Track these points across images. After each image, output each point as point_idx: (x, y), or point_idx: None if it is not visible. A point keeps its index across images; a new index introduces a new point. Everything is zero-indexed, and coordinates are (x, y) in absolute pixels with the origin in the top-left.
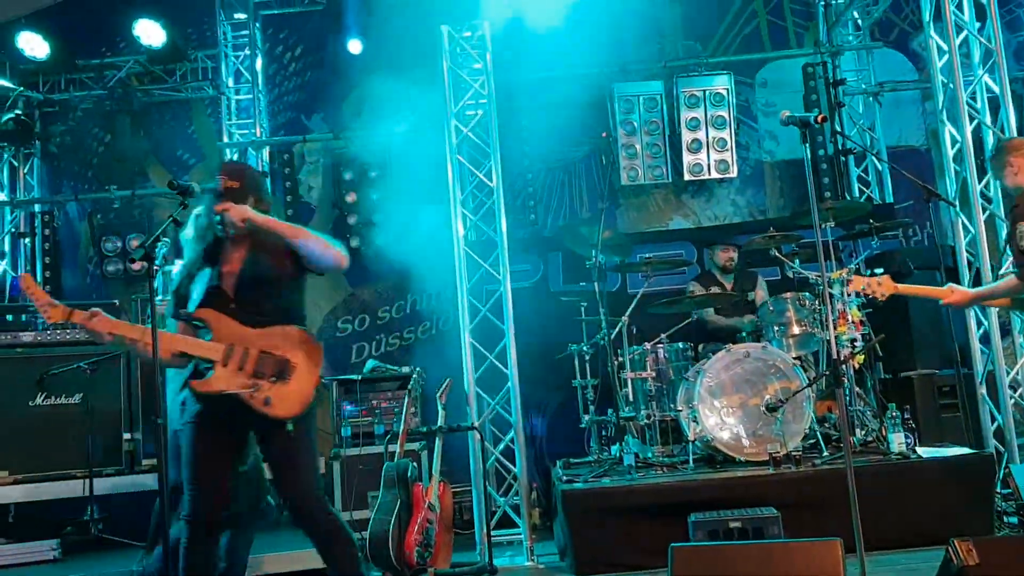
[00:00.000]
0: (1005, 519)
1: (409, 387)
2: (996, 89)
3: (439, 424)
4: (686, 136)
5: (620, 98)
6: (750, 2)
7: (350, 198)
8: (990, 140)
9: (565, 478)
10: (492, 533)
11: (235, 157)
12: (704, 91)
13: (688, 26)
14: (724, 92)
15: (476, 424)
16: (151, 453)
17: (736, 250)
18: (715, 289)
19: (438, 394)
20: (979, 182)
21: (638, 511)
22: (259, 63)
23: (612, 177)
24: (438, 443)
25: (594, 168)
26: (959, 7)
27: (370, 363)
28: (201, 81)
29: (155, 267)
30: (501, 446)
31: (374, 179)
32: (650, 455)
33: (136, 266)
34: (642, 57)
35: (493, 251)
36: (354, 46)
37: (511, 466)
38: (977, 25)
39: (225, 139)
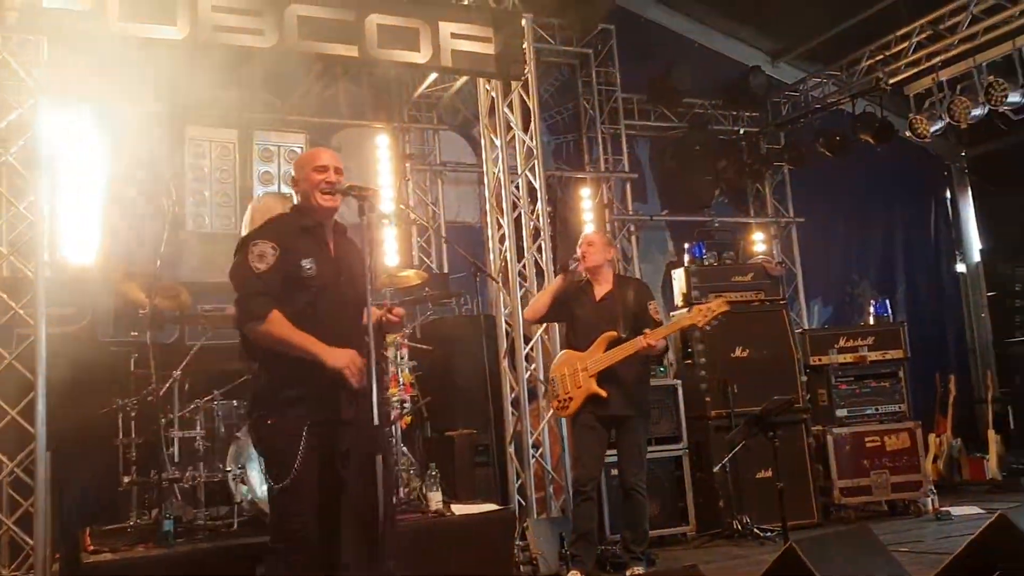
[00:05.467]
0: (521, 568)
1: None
2: (536, 183)
3: None
4: (258, 189)
5: (192, 141)
6: (331, 67)
7: None
8: (529, 226)
9: (92, 547)
10: None
11: None
12: (279, 147)
13: (268, 79)
14: (299, 150)
15: None
16: None
17: None
18: None
19: None
20: (518, 262)
21: None
22: None
23: (178, 222)
24: None
25: (159, 209)
26: (510, 107)
27: None
28: None
29: None
30: (19, 513)
31: None
32: (195, 519)
33: None
34: (219, 102)
35: (30, 290)
36: None
37: (28, 538)
38: (523, 126)
39: None
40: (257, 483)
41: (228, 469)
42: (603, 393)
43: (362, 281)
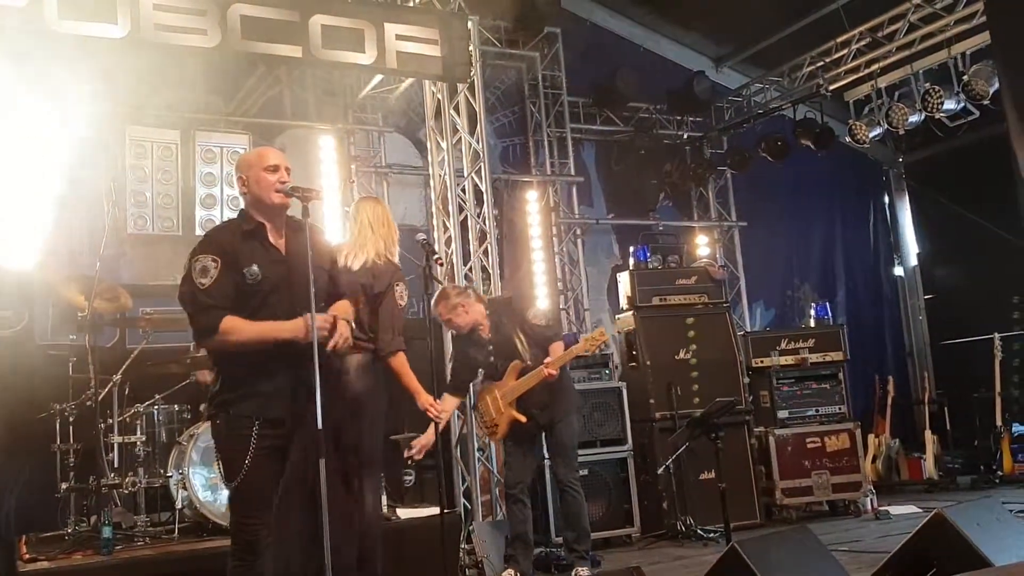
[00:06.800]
0: (467, 571)
1: None
2: (482, 187)
3: None
4: (200, 190)
5: (133, 141)
6: (275, 69)
7: None
8: (475, 229)
9: (28, 556)
10: None
11: None
12: (222, 147)
13: (211, 79)
14: (242, 151)
15: None
16: None
17: None
18: None
19: None
20: (464, 265)
21: None
22: None
23: (119, 224)
24: None
25: (99, 211)
26: (456, 110)
27: None
28: None
29: None
30: None
31: None
32: (135, 526)
33: None
34: (160, 102)
35: None
36: None
37: None
38: (469, 129)
39: None
40: (199, 488)
41: (169, 475)
42: (523, 419)
43: (320, 274)
